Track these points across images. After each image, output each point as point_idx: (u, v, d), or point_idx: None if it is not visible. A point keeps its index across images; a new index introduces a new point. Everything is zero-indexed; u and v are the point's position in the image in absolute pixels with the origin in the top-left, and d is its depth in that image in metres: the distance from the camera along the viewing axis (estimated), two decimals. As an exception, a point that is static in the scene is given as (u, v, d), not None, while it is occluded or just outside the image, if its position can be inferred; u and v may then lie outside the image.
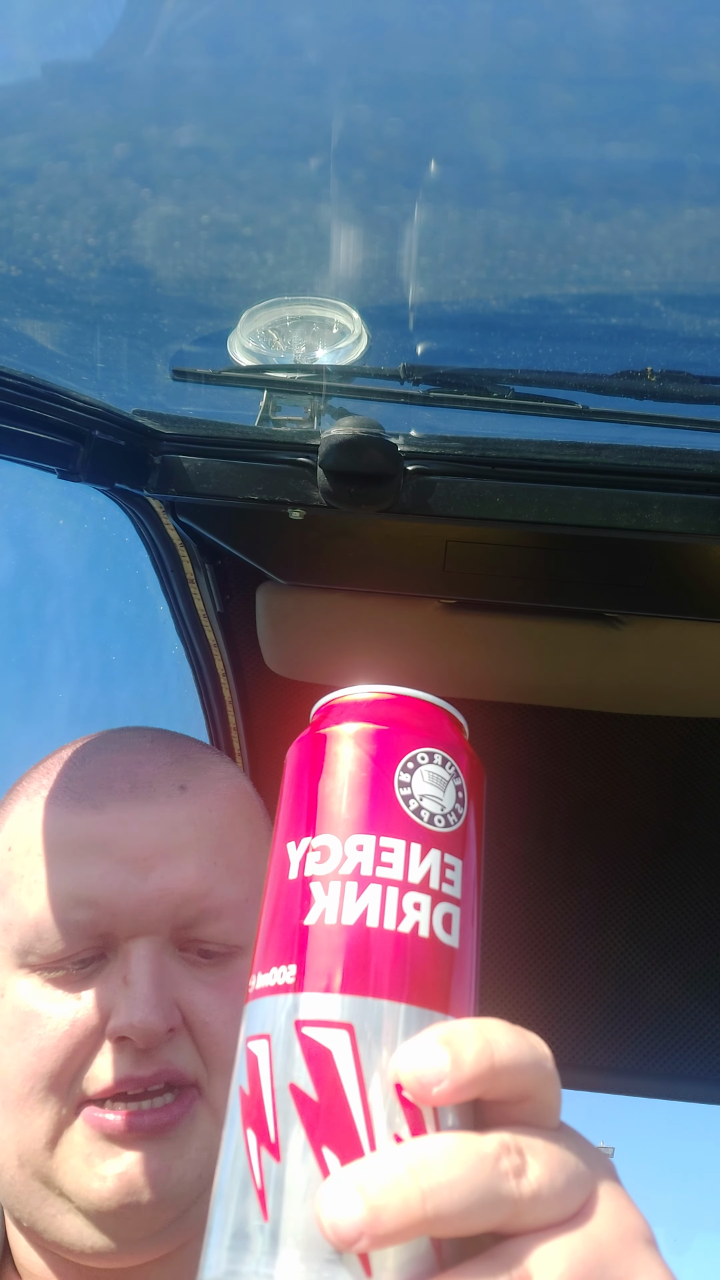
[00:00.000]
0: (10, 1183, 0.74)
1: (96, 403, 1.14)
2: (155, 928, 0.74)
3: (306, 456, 1.17)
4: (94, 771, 0.80)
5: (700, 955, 1.91)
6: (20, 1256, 0.80)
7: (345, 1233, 0.36)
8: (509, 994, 1.89)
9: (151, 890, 0.75)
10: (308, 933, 0.42)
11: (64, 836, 0.77)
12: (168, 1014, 0.72)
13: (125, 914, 0.74)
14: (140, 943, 0.74)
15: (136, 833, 0.76)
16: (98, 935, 0.74)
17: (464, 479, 1.17)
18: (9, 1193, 0.75)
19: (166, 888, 0.75)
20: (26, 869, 0.77)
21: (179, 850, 0.77)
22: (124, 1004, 0.71)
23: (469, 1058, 0.39)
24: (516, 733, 1.79)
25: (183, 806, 0.79)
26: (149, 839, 0.76)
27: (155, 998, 0.71)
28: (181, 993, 0.74)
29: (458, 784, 0.46)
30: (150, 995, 0.71)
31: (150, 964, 0.73)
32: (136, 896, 0.74)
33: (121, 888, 0.74)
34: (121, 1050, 0.72)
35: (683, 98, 1.06)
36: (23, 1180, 0.73)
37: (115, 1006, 0.72)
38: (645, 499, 1.17)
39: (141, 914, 0.74)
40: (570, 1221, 0.40)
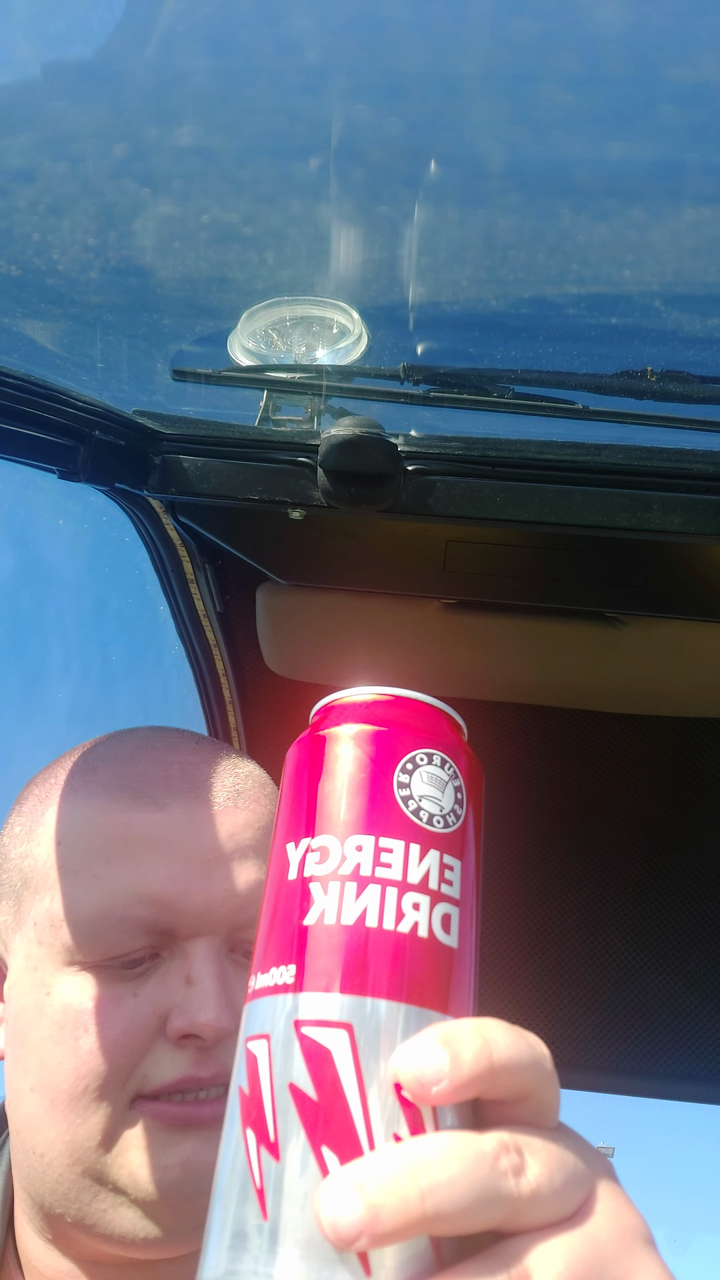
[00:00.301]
0: (59, 1179, 0.73)
1: (96, 403, 1.14)
2: (216, 928, 0.75)
3: (306, 456, 1.17)
4: (148, 770, 0.80)
5: (700, 955, 1.91)
6: (32, 1256, 0.79)
7: (344, 1232, 0.36)
8: (509, 994, 1.89)
9: (216, 891, 0.75)
10: (307, 933, 0.43)
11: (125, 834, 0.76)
12: (235, 1014, 0.72)
13: (189, 913, 0.74)
14: (201, 942, 0.74)
15: (202, 833, 0.77)
16: (158, 934, 0.74)
17: (464, 479, 1.17)
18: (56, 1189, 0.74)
19: (230, 889, 0.75)
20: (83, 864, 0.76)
21: (240, 853, 0.77)
22: (191, 1003, 0.72)
23: (468, 1057, 0.39)
24: (516, 733, 1.79)
25: (241, 810, 0.80)
26: (212, 840, 0.77)
27: (224, 997, 0.72)
28: (235, 994, 0.74)
29: (456, 785, 0.46)
30: (220, 994, 0.72)
31: (215, 964, 0.73)
32: (202, 896, 0.74)
33: (187, 887, 0.74)
34: (183, 1049, 0.72)
35: (683, 98, 1.06)
36: (73, 1177, 0.73)
37: (178, 1005, 0.72)
38: (645, 499, 1.18)
39: (205, 914, 0.74)
40: (569, 1221, 0.40)
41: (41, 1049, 0.74)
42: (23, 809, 0.84)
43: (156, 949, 0.75)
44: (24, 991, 0.77)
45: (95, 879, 0.75)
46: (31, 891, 0.78)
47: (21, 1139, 0.76)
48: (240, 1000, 0.72)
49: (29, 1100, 0.74)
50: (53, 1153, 0.73)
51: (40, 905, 0.77)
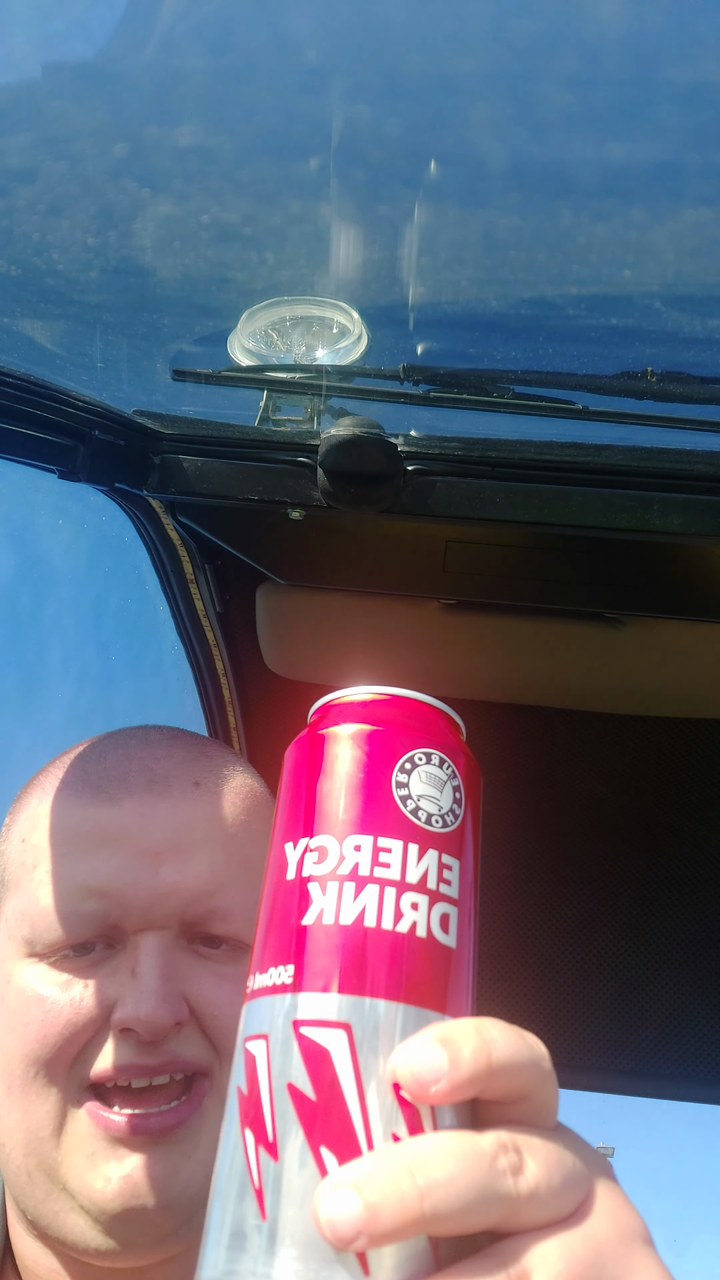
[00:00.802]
0: (16, 1172, 0.74)
1: (96, 403, 1.14)
2: (165, 922, 0.75)
3: (306, 456, 1.17)
4: (111, 766, 0.81)
5: (700, 955, 1.91)
6: (24, 1254, 0.79)
7: (343, 1232, 0.36)
8: (509, 994, 1.89)
9: (162, 885, 0.75)
10: (305, 933, 0.42)
11: (79, 828, 0.78)
12: (174, 1008, 0.72)
13: (135, 907, 0.74)
14: (149, 936, 0.74)
15: (150, 827, 0.77)
16: (107, 926, 0.75)
17: (464, 479, 1.17)
18: (14, 1182, 0.75)
19: (177, 883, 0.75)
20: (40, 859, 0.78)
21: (191, 846, 0.77)
22: (131, 996, 0.72)
23: (466, 1057, 0.39)
24: (516, 733, 1.79)
25: (198, 803, 0.79)
26: (162, 834, 0.77)
27: (163, 991, 0.72)
28: (190, 986, 0.74)
29: (455, 784, 0.46)
30: (158, 988, 0.72)
31: (158, 957, 0.73)
32: (147, 890, 0.75)
33: (132, 881, 0.75)
34: (125, 1040, 0.72)
35: (683, 98, 1.06)
36: (28, 1171, 0.73)
37: (121, 997, 0.73)
38: (645, 499, 1.17)
39: (151, 908, 0.75)
40: (567, 1220, 0.40)
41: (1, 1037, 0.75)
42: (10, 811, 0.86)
43: (110, 940, 0.75)
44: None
45: (49, 873, 0.76)
46: (5, 888, 0.81)
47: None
48: (193, 990, 0.73)
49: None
50: (12, 1141, 0.74)
51: (10, 901, 0.79)
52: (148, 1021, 0.71)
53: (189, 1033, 0.74)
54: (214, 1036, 0.74)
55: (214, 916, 0.76)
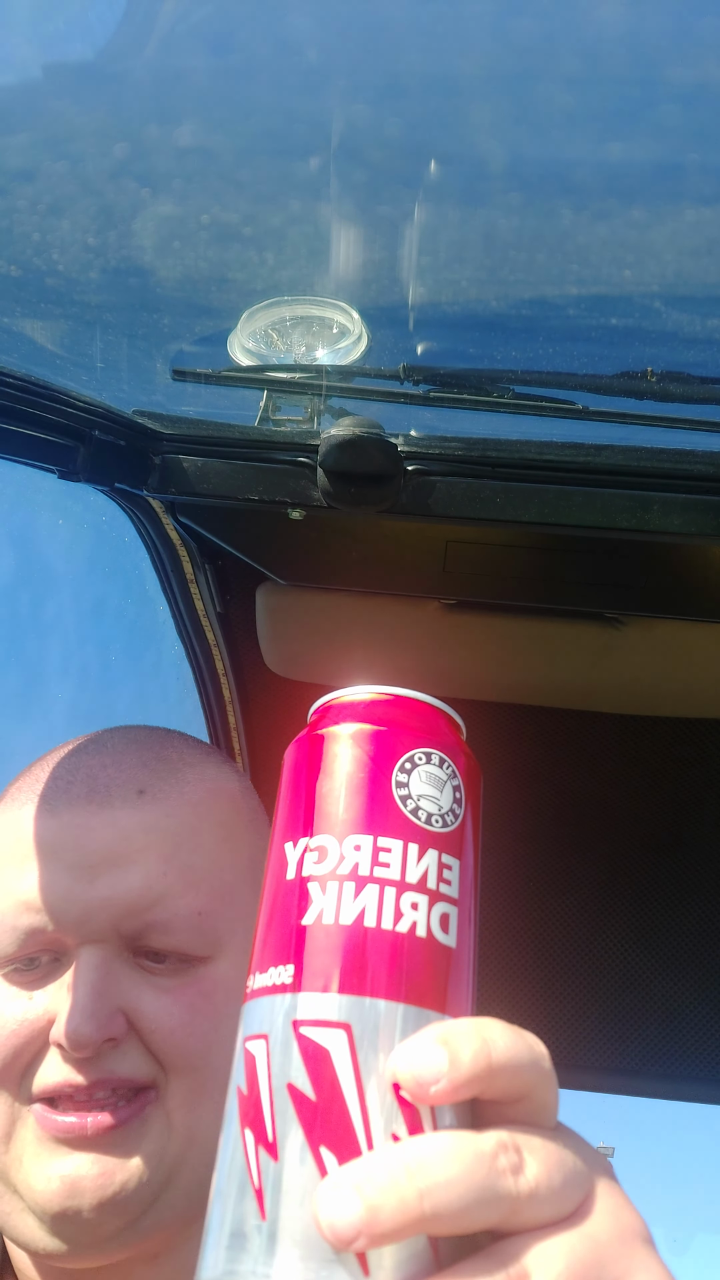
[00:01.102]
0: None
1: (96, 403, 1.14)
2: (102, 935, 0.74)
3: (306, 456, 1.17)
4: (56, 776, 0.80)
5: (700, 956, 1.91)
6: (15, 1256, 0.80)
7: (343, 1232, 0.36)
8: (509, 994, 1.89)
9: (95, 898, 0.74)
10: (305, 933, 0.42)
11: (19, 840, 0.77)
12: (103, 1024, 0.71)
13: (69, 921, 0.74)
14: (86, 950, 0.74)
15: (87, 839, 0.76)
16: (46, 940, 0.74)
17: (464, 479, 1.17)
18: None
19: (111, 896, 0.74)
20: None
21: (128, 858, 0.75)
22: (62, 1013, 0.72)
23: (466, 1057, 0.39)
24: (516, 733, 1.79)
25: (137, 812, 0.78)
26: (98, 845, 0.75)
27: (91, 1008, 0.71)
28: (129, 1000, 0.73)
29: (455, 784, 0.46)
30: (87, 1005, 0.71)
31: (93, 973, 0.72)
32: (81, 904, 0.74)
33: (66, 894, 0.74)
34: (62, 1056, 0.72)
35: (683, 98, 1.06)
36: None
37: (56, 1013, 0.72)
38: (645, 499, 1.17)
39: (85, 922, 0.74)
40: (568, 1220, 0.40)
41: None
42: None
43: (55, 953, 0.75)
44: None
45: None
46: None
47: None
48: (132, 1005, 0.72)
49: None
50: None
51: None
52: (74, 1038, 0.70)
53: (127, 1048, 0.73)
54: (157, 1050, 0.73)
55: (152, 929, 0.74)
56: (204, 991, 0.75)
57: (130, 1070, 0.72)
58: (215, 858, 0.79)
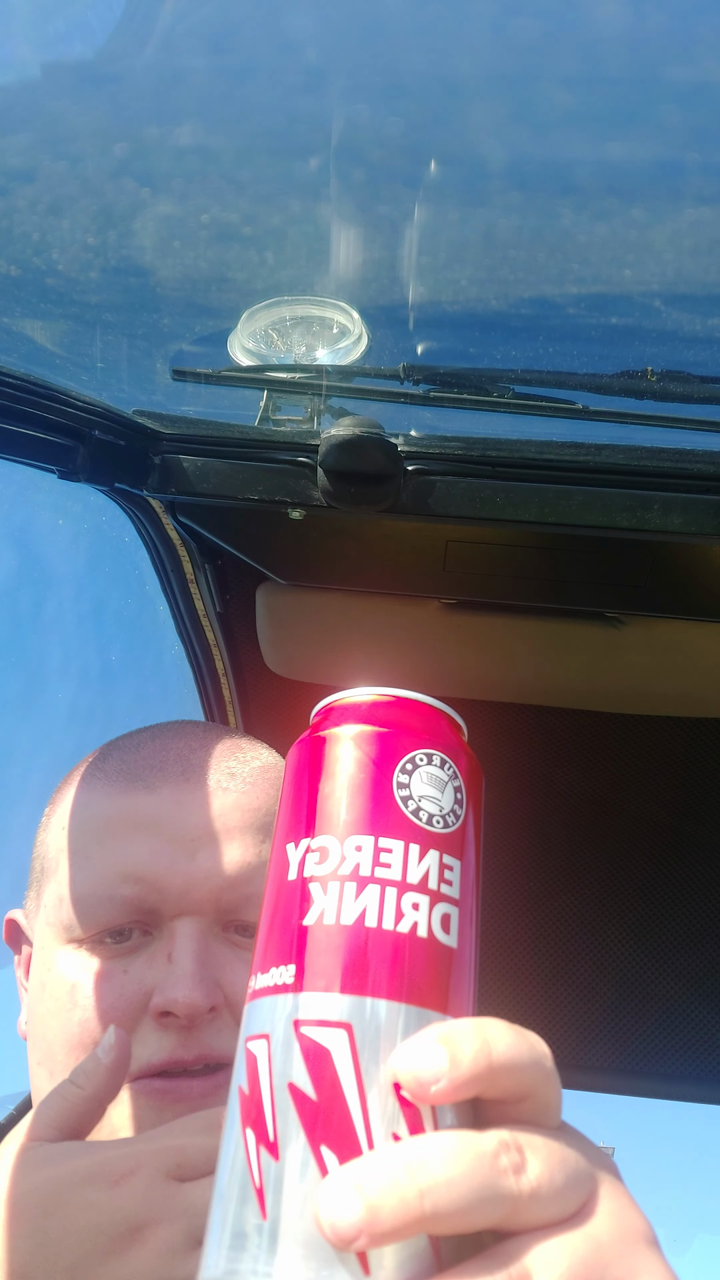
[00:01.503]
0: None
1: (96, 403, 1.14)
2: (200, 908, 0.76)
3: (306, 456, 1.17)
4: (148, 756, 0.83)
5: (701, 956, 1.91)
6: None
7: (343, 1232, 0.36)
8: (510, 994, 1.89)
9: (198, 871, 0.76)
10: (307, 933, 0.42)
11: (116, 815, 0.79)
12: (210, 992, 0.73)
13: (171, 892, 0.75)
14: (185, 921, 0.75)
15: (186, 814, 0.78)
16: (144, 911, 0.76)
17: (464, 479, 1.17)
18: None
19: (212, 869, 0.76)
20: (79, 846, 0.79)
21: (226, 834, 0.78)
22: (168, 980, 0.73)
23: (467, 1056, 0.39)
24: (517, 733, 1.79)
25: (231, 793, 0.81)
26: (198, 820, 0.78)
27: (199, 975, 0.73)
28: (224, 973, 0.75)
29: (456, 785, 0.46)
30: (195, 972, 0.73)
31: (195, 942, 0.74)
32: (183, 875, 0.76)
33: (169, 866, 0.76)
34: (165, 1027, 0.73)
35: (683, 98, 1.06)
36: None
37: (159, 983, 0.73)
38: (645, 499, 1.18)
39: (187, 893, 0.76)
40: (570, 1220, 0.40)
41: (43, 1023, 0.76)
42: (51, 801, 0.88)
43: (147, 926, 0.76)
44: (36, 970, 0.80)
45: (88, 859, 0.78)
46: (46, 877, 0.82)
47: None
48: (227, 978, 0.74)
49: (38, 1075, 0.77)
50: None
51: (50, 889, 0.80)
52: (185, 1004, 0.71)
53: (223, 1021, 0.74)
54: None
55: (248, 903, 0.77)
56: None
57: (224, 1046, 0.74)
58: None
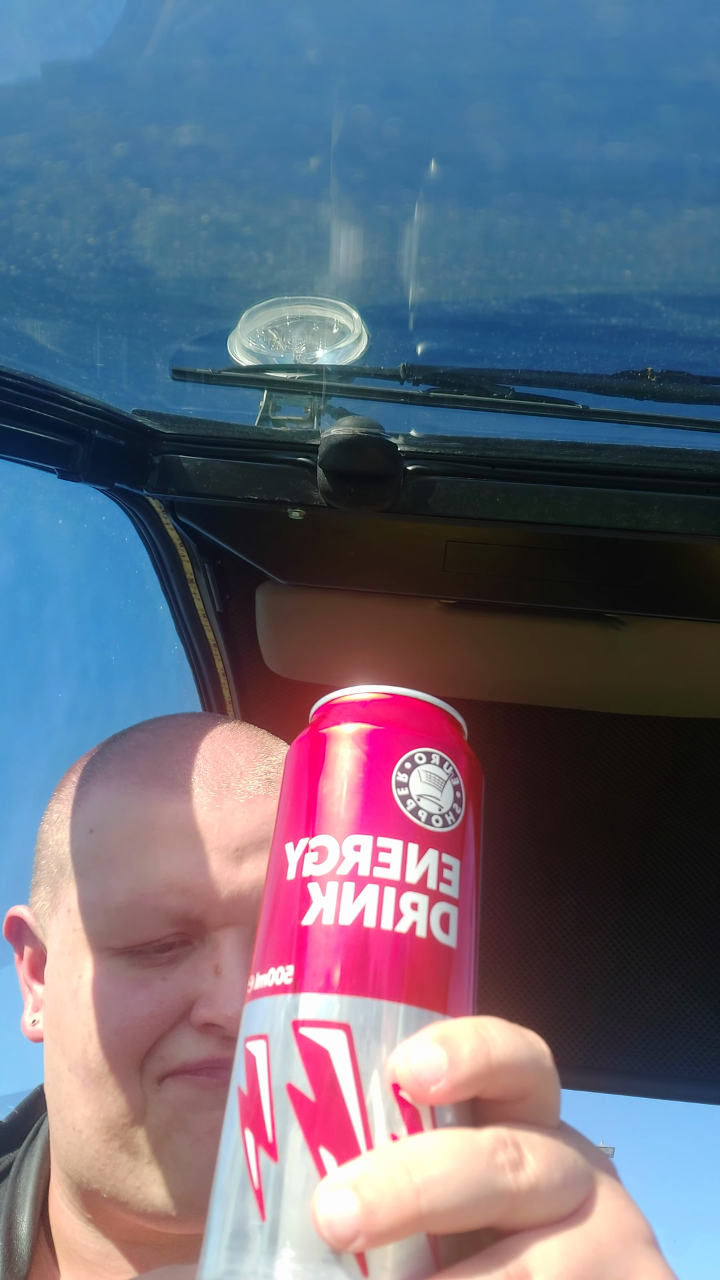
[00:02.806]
0: (95, 1155, 0.74)
1: (96, 402, 1.14)
2: (246, 918, 0.75)
3: (306, 456, 1.17)
4: (183, 758, 0.81)
5: (700, 956, 1.91)
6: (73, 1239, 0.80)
7: (341, 1231, 0.36)
8: (510, 994, 1.89)
9: (245, 881, 0.75)
10: (306, 933, 0.42)
11: (157, 822, 0.77)
12: None
13: (218, 903, 0.74)
14: (231, 932, 0.74)
15: (231, 823, 0.77)
16: (188, 922, 0.75)
17: (464, 479, 1.17)
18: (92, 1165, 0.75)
19: (259, 880, 0.75)
20: (115, 852, 0.77)
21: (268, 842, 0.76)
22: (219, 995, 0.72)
23: (466, 1056, 0.39)
24: (516, 733, 1.79)
25: (272, 800, 0.80)
26: (242, 829, 0.77)
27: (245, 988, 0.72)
28: None
29: (455, 784, 0.46)
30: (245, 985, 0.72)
31: (243, 955, 0.74)
32: (231, 886, 0.75)
33: (216, 876, 0.75)
34: (207, 1036, 0.72)
35: (683, 98, 1.06)
36: (109, 1153, 0.74)
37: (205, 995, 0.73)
38: (645, 499, 1.17)
39: (234, 904, 0.75)
40: (569, 1219, 0.39)
41: (73, 1030, 0.75)
42: (61, 795, 0.85)
43: (188, 936, 0.75)
44: (59, 975, 0.78)
45: (128, 867, 0.76)
46: (67, 878, 0.80)
47: (61, 1116, 0.78)
48: None
49: (67, 1080, 0.76)
50: (89, 1129, 0.74)
51: (74, 891, 0.78)
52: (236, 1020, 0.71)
53: None
54: None
55: None
56: None
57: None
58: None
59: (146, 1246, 0.77)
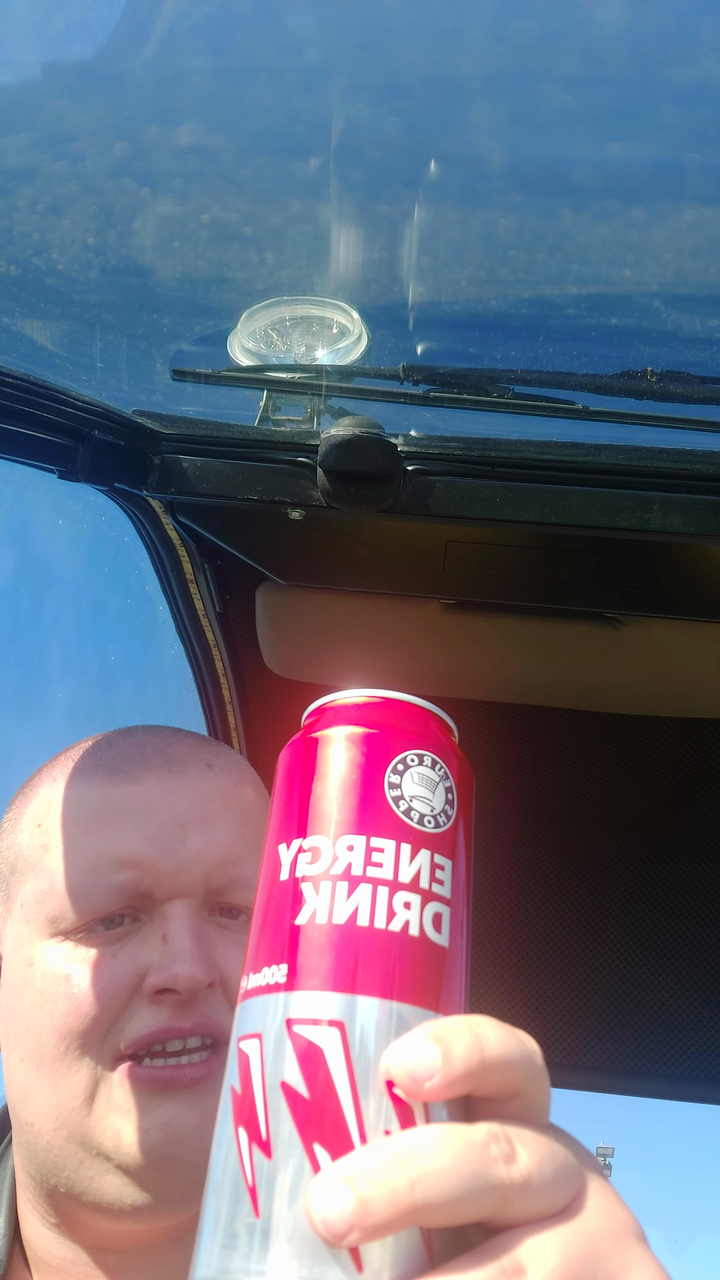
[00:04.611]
0: (48, 1147, 0.75)
1: (96, 403, 1.14)
2: (192, 890, 0.77)
3: (306, 456, 1.17)
4: (126, 750, 0.84)
5: (699, 956, 1.91)
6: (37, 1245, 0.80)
7: (335, 1226, 0.36)
8: (509, 994, 1.89)
9: (190, 853, 0.78)
10: (299, 932, 0.42)
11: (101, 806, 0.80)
12: (209, 967, 0.74)
13: (166, 875, 0.77)
14: (178, 903, 0.77)
15: (173, 801, 0.80)
16: (137, 896, 0.77)
17: (464, 479, 1.17)
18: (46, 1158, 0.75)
19: (203, 852, 0.78)
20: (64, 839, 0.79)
21: (213, 818, 0.80)
22: (166, 959, 0.74)
23: (459, 1053, 0.39)
24: (515, 733, 1.79)
25: (212, 781, 0.83)
26: (185, 806, 0.80)
27: (198, 951, 0.74)
28: (217, 952, 0.76)
29: (447, 785, 0.46)
30: (194, 948, 0.74)
31: (190, 921, 0.76)
32: (177, 858, 0.77)
33: (163, 849, 0.77)
34: (161, 1004, 0.74)
35: (683, 98, 1.06)
36: (60, 1143, 0.74)
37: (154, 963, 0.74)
38: (645, 499, 1.17)
39: (180, 875, 0.77)
40: (561, 1215, 0.40)
41: (27, 1017, 0.76)
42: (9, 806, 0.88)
43: (137, 912, 0.77)
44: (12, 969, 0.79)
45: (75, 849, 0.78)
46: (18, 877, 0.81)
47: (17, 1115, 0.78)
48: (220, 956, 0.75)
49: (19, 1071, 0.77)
50: (41, 1119, 0.75)
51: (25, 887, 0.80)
52: (187, 979, 0.72)
53: (219, 997, 0.75)
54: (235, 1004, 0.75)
55: (235, 885, 0.79)
56: None
57: (221, 1019, 0.74)
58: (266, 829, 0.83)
59: (112, 1252, 0.77)
